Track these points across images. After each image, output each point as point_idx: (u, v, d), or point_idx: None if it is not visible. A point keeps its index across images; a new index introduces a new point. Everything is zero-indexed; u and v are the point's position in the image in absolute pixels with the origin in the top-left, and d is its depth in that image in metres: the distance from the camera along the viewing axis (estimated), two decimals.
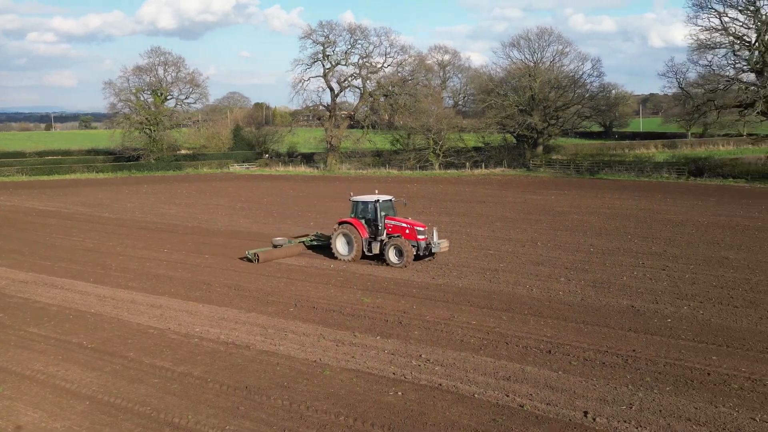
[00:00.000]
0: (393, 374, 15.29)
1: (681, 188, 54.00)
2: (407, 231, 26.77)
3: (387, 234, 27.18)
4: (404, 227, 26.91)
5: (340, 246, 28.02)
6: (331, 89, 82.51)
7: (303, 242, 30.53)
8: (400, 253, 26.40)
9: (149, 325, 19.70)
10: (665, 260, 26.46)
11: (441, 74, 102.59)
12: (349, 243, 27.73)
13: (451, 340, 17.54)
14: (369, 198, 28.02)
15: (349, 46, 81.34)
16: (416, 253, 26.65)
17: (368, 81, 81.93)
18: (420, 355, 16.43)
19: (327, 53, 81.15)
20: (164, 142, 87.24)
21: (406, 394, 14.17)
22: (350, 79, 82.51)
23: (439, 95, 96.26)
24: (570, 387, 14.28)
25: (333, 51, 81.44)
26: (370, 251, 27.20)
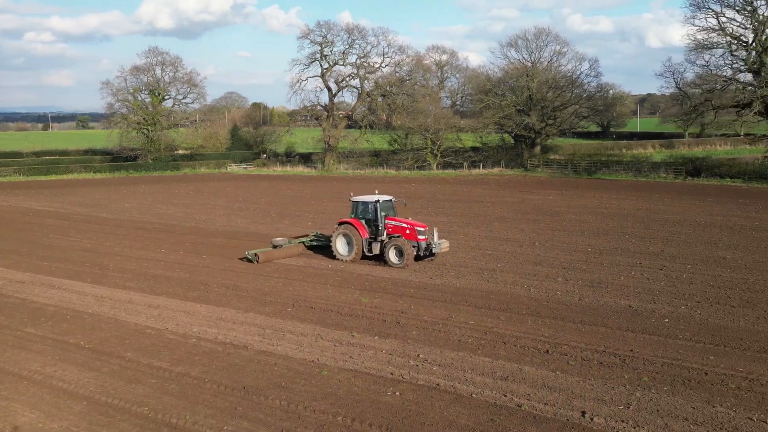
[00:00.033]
0: (391, 374, 15.29)
1: (678, 188, 54.09)
2: (408, 231, 26.71)
3: (387, 234, 27.12)
4: (405, 227, 26.86)
5: (341, 246, 27.99)
6: (329, 89, 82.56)
7: (303, 242, 30.48)
8: (401, 254, 26.36)
9: (147, 326, 19.68)
10: (663, 260, 26.50)
11: (439, 74, 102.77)
12: (350, 243, 27.68)
13: (449, 340, 17.55)
14: (369, 198, 27.96)
15: (347, 46, 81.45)
16: (417, 254, 26.62)
17: (366, 81, 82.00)
18: (418, 355, 16.44)
19: (325, 53, 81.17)
20: (162, 142, 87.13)
21: (404, 394, 14.18)
22: (348, 79, 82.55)
23: (437, 95, 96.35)
24: (567, 387, 14.30)
25: (331, 51, 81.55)
26: (371, 251, 27.15)
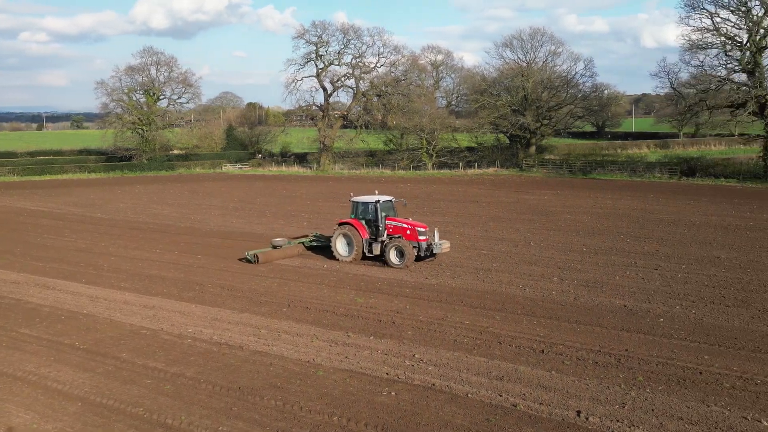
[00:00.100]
0: (386, 374, 15.29)
1: (673, 188, 54.24)
2: (408, 232, 26.61)
3: (388, 235, 27.02)
4: (405, 228, 26.76)
5: (341, 247, 27.89)
6: (324, 89, 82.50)
7: (302, 243, 30.38)
8: (401, 254, 26.26)
9: (142, 326, 19.64)
10: (658, 260, 26.56)
11: (434, 74, 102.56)
12: (350, 244, 27.59)
13: (445, 340, 17.56)
14: (369, 198, 27.86)
15: (342, 46, 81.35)
16: (417, 254, 26.52)
17: (361, 81, 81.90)
18: (413, 355, 16.44)
19: (320, 53, 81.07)
20: (157, 142, 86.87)
21: (400, 394, 14.18)
22: (343, 79, 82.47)
23: (432, 95, 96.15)
24: (563, 386, 14.32)
25: (326, 51, 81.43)
26: (371, 252, 27.06)
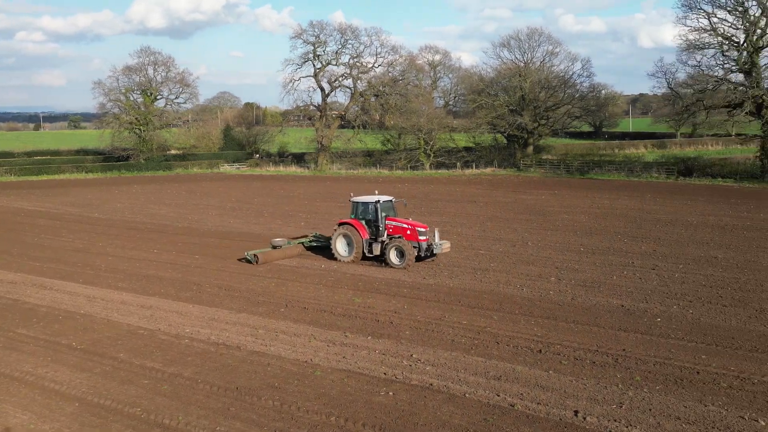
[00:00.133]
0: (384, 374, 15.29)
1: (670, 188, 54.31)
2: (408, 232, 26.54)
3: (388, 235, 26.96)
4: (405, 228, 26.69)
5: (341, 247, 27.83)
6: (322, 89, 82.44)
7: (302, 243, 30.31)
8: (402, 255, 26.19)
9: (139, 326, 19.61)
10: (655, 260, 26.59)
11: (432, 74, 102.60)
12: (350, 244, 27.53)
13: (442, 340, 17.56)
14: (369, 199, 27.80)
15: (340, 46, 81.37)
16: (417, 254, 26.45)
17: (359, 81, 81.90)
18: (411, 355, 16.44)
19: (318, 53, 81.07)
20: (154, 142, 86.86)
21: (397, 394, 14.18)
22: (341, 79, 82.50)
23: (430, 95, 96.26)
24: (560, 386, 14.33)
25: (324, 51, 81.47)
26: (371, 252, 26.99)
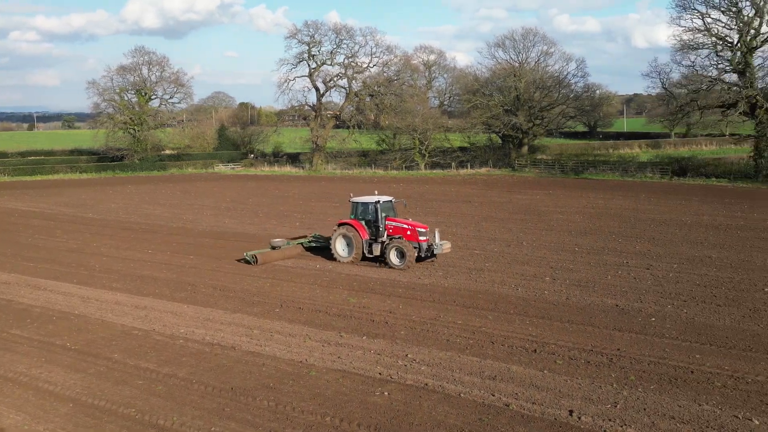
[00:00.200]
0: (379, 374, 15.29)
1: (665, 188, 54.48)
2: (408, 232, 26.46)
3: (388, 235, 26.87)
4: (405, 228, 26.59)
5: (340, 248, 27.73)
6: (317, 89, 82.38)
7: (301, 244, 30.23)
8: (402, 255, 26.10)
9: (134, 327, 19.56)
10: (649, 259, 26.67)
11: (426, 74, 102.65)
12: (349, 244, 27.43)
13: (437, 340, 17.57)
14: (369, 199, 27.71)
15: (335, 46, 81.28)
16: (418, 255, 26.36)
17: (354, 81, 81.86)
18: (406, 355, 16.44)
19: (312, 53, 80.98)
20: (148, 142, 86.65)
21: (393, 394, 14.18)
22: (336, 79, 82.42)
23: (425, 95, 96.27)
24: (555, 386, 14.36)
25: (318, 51, 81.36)
26: (371, 253, 26.89)
